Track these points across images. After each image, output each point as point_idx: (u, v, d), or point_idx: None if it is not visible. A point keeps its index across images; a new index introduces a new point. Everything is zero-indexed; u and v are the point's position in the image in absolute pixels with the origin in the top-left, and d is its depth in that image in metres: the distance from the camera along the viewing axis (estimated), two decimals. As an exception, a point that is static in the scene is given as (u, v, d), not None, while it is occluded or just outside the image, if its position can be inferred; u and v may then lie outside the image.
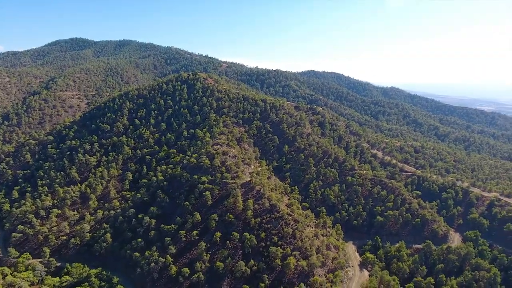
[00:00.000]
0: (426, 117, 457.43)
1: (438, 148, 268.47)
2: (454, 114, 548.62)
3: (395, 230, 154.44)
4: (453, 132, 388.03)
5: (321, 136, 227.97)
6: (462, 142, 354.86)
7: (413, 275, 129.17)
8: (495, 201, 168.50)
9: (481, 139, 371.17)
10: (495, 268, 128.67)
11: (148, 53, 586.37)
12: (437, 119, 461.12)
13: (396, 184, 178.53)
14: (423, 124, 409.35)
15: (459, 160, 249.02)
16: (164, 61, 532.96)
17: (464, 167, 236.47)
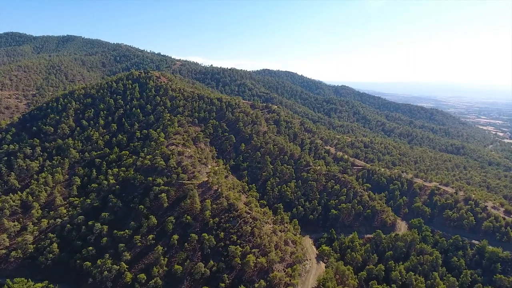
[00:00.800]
0: (374, 113, 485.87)
1: (385, 142, 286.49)
2: (399, 110, 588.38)
3: (349, 222, 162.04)
4: (398, 127, 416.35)
5: (277, 134, 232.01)
6: (406, 137, 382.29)
7: (365, 263, 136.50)
8: (435, 190, 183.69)
9: (422, 134, 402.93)
10: (436, 252, 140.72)
11: (96, 50, 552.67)
12: (384, 116, 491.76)
13: (348, 178, 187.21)
14: (372, 120, 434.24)
15: (404, 153, 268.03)
16: (113, 58, 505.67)
17: (408, 159, 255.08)
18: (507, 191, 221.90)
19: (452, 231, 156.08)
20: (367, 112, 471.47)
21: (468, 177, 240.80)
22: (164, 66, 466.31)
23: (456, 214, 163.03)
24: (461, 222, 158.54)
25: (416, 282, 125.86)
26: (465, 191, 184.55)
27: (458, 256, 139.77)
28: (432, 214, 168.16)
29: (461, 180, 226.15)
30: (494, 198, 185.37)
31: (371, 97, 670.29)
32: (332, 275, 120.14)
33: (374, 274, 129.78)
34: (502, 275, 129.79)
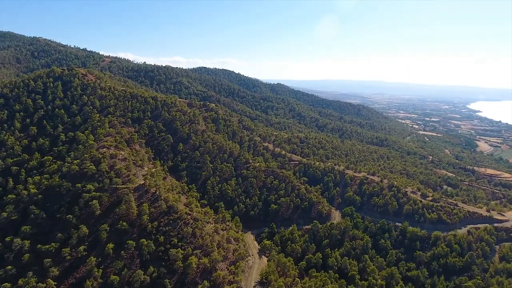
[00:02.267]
0: (308, 110, 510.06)
1: (319, 137, 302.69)
2: (330, 107, 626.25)
3: (288, 215, 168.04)
4: (330, 123, 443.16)
5: (216, 133, 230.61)
6: (337, 131, 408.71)
7: (304, 253, 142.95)
8: (364, 179, 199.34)
9: (351, 128, 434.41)
10: (367, 236, 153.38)
11: (8, 44, 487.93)
12: (317, 112, 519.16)
13: (286, 173, 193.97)
14: (306, 117, 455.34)
15: (336, 147, 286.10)
16: (30, 53, 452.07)
17: (340, 152, 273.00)
18: (423, 177, 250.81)
19: (379, 216, 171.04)
20: (301, 109, 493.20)
21: (391, 166, 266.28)
22: (91, 63, 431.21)
23: (382, 200, 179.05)
24: (386, 207, 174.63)
25: (350, 266, 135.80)
26: (389, 179, 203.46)
27: (385, 238, 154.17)
28: (362, 202, 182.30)
29: (385, 169, 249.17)
30: (412, 184, 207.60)
31: (305, 95, 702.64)
32: (274, 268, 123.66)
33: (313, 262, 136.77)
34: (421, 251, 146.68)
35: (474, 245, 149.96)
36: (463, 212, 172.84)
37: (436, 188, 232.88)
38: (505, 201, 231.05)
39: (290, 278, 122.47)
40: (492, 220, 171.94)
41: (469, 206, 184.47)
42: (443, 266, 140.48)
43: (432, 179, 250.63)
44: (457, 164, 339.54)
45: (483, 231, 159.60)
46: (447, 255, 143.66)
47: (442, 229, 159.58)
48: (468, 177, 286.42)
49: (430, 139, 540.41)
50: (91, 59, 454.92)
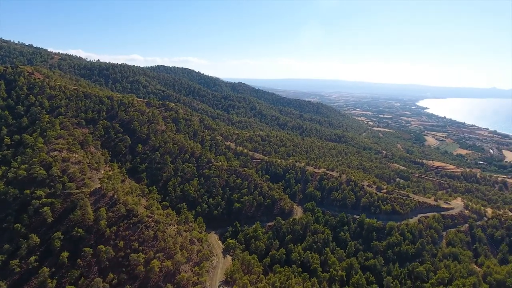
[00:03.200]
0: (269, 109, 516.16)
1: (280, 135, 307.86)
2: (290, 105, 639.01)
3: (251, 213, 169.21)
4: (290, 121, 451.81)
5: (176, 132, 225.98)
6: (298, 129, 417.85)
7: (268, 250, 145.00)
8: (323, 175, 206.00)
9: (311, 126, 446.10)
10: (327, 229, 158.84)
11: None
12: (278, 111, 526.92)
13: (248, 171, 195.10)
14: (267, 115, 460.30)
15: (296, 144, 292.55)
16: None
17: (300, 150, 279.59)
18: (378, 171, 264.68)
19: (339, 209, 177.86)
20: (263, 108, 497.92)
21: (348, 162, 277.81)
22: (38, 60, 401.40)
23: (340, 194, 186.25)
24: (345, 201, 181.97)
25: (312, 259, 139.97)
26: (347, 174, 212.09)
27: (344, 231, 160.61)
28: (322, 197, 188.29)
29: (343, 164, 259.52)
30: (368, 178, 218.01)
31: (266, 93, 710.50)
32: (238, 266, 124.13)
33: (276, 258, 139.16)
34: (377, 241, 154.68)
35: (424, 233, 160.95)
36: (414, 203, 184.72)
37: (390, 181, 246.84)
38: (450, 190, 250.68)
39: (255, 275, 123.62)
40: (439, 208, 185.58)
41: (419, 197, 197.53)
42: (397, 253, 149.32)
43: (386, 173, 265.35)
44: (408, 158, 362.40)
45: (432, 219, 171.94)
46: (400, 243, 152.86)
47: (396, 219, 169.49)
48: (418, 170, 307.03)
49: (384, 135, 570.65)
50: (38, 56, 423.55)
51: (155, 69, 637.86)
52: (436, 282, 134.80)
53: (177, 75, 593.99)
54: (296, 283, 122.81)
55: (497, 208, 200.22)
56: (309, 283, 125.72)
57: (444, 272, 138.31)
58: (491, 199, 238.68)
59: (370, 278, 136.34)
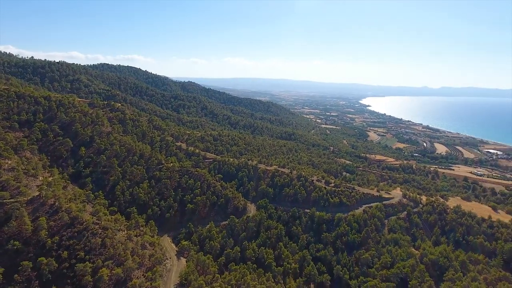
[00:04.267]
0: (220, 108, 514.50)
1: (232, 134, 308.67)
2: (241, 104, 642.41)
3: (205, 213, 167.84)
4: (242, 120, 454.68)
5: (123, 134, 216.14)
6: (249, 128, 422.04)
7: (223, 249, 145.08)
8: (275, 172, 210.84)
9: (262, 124, 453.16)
10: (280, 225, 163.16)
11: None
12: (229, 110, 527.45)
13: (201, 172, 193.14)
14: (219, 114, 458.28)
15: (248, 143, 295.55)
16: None
17: (252, 148, 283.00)
18: (326, 166, 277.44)
19: (290, 205, 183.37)
20: (214, 107, 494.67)
21: (298, 158, 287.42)
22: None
23: (292, 190, 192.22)
24: (296, 196, 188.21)
25: (266, 255, 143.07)
26: (297, 170, 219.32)
27: (296, 225, 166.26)
28: (274, 193, 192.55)
29: (294, 161, 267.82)
30: (317, 173, 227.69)
31: (217, 93, 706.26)
32: (193, 268, 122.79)
33: (232, 256, 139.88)
34: (327, 233, 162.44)
35: (368, 222, 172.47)
36: (359, 194, 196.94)
37: (337, 175, 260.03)
38: (391, 181, 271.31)
39: (210, 275, 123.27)
40: (381, 198, 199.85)
41: (363, 189, 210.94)
42: (345, 243, 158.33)
43: (333, 167, 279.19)
44: (353, 153, 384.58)
45: (375, 208, 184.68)
46: (348, 233, 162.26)
47: (343, 211, 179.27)
48: (362, 163, 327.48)
49: (331, 132, 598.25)
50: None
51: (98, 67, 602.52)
52: (380, 266, 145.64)
53: (122, 74, 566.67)
54: (252, 279, 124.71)
55: (430, 196, 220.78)
56: (264, 278, 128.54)
57: (387, 257, 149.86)
58: (425, 188, 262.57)
59: (321, 268, 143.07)
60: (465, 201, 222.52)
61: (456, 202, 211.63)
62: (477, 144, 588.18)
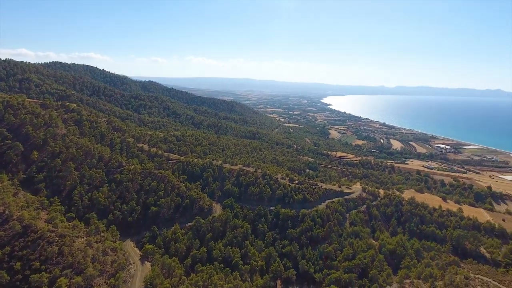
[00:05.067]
0: (183, 108, 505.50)
1: (196, 135, 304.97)
2: (205, 104, 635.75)
3: (169, 215, 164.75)
4: (205, 119, 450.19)
5: (80, 136, 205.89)
6: (213, 128, 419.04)
7: (189, 250, 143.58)
8: (240, 171, 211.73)
9: (226, 124, 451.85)
10: (246, 223, 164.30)
11: None
12: (192, 110, 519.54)
13: (164, 173, 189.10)
14: (181, 114, 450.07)
15: (213, 143, 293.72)
16: None
17: (217, 148, 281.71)
18: (290, 164, 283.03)
19: (256, 203, 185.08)
20: (176, 107, 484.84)
21: (263, 157, 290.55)
22: None
23: (257, 188, 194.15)
24: (262, 195, 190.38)
25: (233, 254, 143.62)
26: (262, 168, 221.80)
27: (262, 223, 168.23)
28: (240, 192, 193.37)
29: (258, 160, 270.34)
30: (282, 171, 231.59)
31: (179, 92, 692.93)
32: (158, 271, 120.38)
33: (198, 258, 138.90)
34: (292, 229, 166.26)
35: (331, 216, 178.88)
36: (322, 190, 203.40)
37: (300, 172, 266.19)
38: (351, 177, 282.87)
39: (176, 278, 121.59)
40: (343, 193, 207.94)
41: (326, 185, 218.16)
42: (310, 238, 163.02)
43: (297, 165, 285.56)
44: (316, 150, 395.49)
45: (337, 203, 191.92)
46: (312, 228, 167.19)
47: (307, 207, 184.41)
48: (324, 160, 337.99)
49: (294, 130, 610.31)
50: None
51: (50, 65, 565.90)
52: (343, 258, 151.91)
53: (77, 73, 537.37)
54: (219, 279, 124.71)
55: (387, 189, 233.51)
56: (231, 277, 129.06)
57: (349, 249, 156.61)
58: (382, 182, 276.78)
59: (287, 264, 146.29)
60: (418, 193, 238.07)
61: (410, 194, 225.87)
62: (428, 140, 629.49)
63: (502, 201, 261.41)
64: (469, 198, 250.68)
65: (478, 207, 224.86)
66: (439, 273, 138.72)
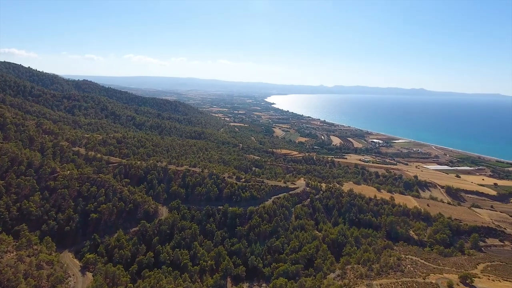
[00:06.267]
0: (123, 108, 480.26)
1: (138, 136, 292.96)
2: (147, 104, 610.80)
3: (112, 221, 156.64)
4: (148, 120, 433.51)
5: (4, 141, 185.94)
6: (156, 128, 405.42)
7: (135, 256, 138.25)
8: (186, 172, 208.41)
9: (170, 124, 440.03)
10: (194, 224, 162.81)
11: None
12: (133, 110, 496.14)
13: (105, 177, 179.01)
14: (121, 115, 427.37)
15: (156, 144, 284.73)
16: None
17: (161, 149, 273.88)
18: (236, 163, 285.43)
19: (204, 203, 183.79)
20: (115, 108, 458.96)
21: (209, 157, 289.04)
22: None
23: (204, 188, 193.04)
24: (209, 194, 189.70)
25: (182, 256, 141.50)
26: (208, 168, 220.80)
27: (210, 223, 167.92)
28: (186, 193, 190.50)
29: (205, 160, 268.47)
30: (228, 170, 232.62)
31: (118, 92, 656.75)
32: (102, 281, 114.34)
33: (145, 263, 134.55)
34: (240, 226, 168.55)
35: (278, 211, 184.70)
36: (268, 187, 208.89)
37: (247, 171, 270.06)
38: (295, 173, 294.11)
39: (122, 286, 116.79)
40: (288, 189, 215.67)
41: (272, 181, 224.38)
42: (258, 234, 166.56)
43: (243, 164, 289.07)
44: (261, 148, 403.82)
45: (283, 199, 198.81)
46: (260, 225, 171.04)
47: (254, 204, 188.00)
48: (270, 158, 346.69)
49: (239, 129, 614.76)
50: None
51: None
52: (290, 251, 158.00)
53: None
54: (168, 283, 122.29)
55: (328, 183, 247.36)
56: (180, 280, 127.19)
57: (295, 242, 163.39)
58: (324, 176, 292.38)
59: (236, 261, 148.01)
60: (356, 184, 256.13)
61: (349, 186, 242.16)
62: (364, 135, 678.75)
63: (426, 188, 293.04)
64: (399, 187, 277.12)
65: (407, 195, 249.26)
66: (376, 257, 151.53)
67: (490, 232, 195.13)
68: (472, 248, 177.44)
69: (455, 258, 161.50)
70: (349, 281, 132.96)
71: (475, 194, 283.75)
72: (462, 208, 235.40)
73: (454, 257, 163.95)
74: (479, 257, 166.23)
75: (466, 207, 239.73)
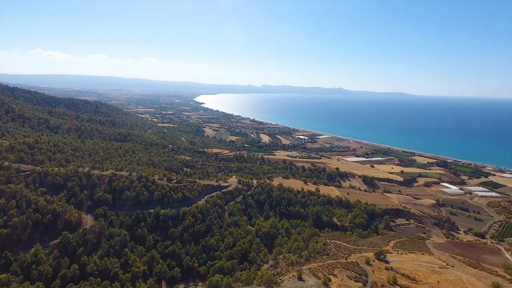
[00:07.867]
0: (34, 110, 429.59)
1: (54, 140, 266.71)
2: (62, 105, 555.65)
3: (27, 236, 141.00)
4: (65, 123, 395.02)
5: None
6: (75, 131, 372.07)
7: (57, 271, 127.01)
8: (112, 176, 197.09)
9: (91, 126, 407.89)
10: (124, 230, 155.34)
11: None
12: (46, 112, 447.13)
13: (15, 188, 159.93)
14: (32, 118, 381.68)
15: (76, 148, 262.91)
16: None
17: (82, 154, 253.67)
18: (167, 164, 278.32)
19: (133, 208, 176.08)
20: (24, 110, 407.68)
21: (137, 159, 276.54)
22: None
23: (133, 192, 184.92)
24: (139, 198, 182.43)
25: (111, 265, 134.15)
26: (137, 171, 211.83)
27: (141, 227, 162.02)
28: (114, 199, 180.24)
29: (132, 163, 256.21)
30: (158, 172, 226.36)
31: (26, 92, 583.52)
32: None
33: (69, 277, 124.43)
34: (174, 228, 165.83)
35: (211, 210, 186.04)
36: (200, 187, 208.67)
37: (178, 171, 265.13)
38: (227, 171, 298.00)
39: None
40: (220, 187, 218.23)
41: (204, 181, 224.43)
42: (192, 234, 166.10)
43: (174, 165, 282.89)
44: (192, 148, 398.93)
45: (216, 197, 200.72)
46: (193, 225, 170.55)
47: (187, 204, 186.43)
48: (201, 158, 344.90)
49: (168, 130, 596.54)
50: None
51: None
52: (224, 248, 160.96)
53: None
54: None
55: (259, 179, 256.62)
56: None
57: (229, 238, 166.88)
58: (255, 173, 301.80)
59: (171, 264, 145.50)
60: (285, 179, 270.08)
61: (279, 181, 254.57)
62: (291, 132, 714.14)
63: (347, 178, 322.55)
64: (324, 179, 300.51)
65: (330, 185, 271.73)
66: (304, 245, 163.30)
67: (399, 213, 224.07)
68: (385, 228, 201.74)
69: (372, 239, 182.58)
70: (281, 269, 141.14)
71: (386, 181, 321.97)
72: (376, 194, 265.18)
73: (370, 237, 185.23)
74: (390, 236, 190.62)
75: (379, 193, 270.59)
